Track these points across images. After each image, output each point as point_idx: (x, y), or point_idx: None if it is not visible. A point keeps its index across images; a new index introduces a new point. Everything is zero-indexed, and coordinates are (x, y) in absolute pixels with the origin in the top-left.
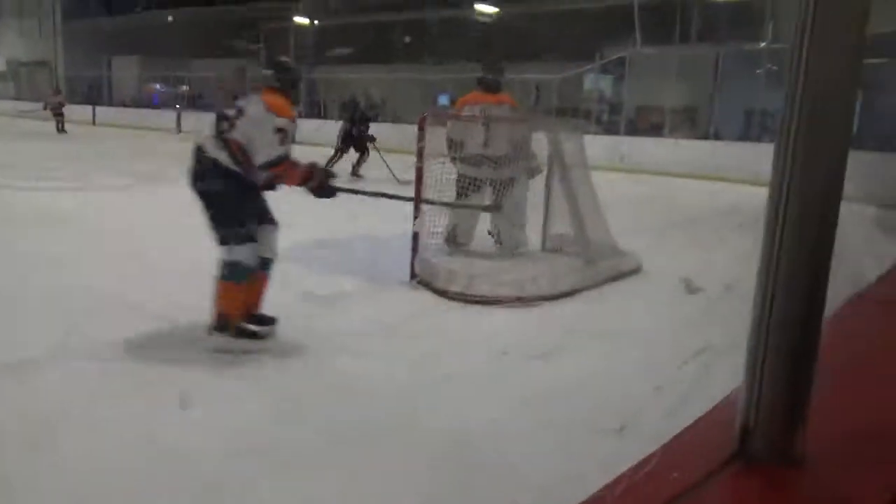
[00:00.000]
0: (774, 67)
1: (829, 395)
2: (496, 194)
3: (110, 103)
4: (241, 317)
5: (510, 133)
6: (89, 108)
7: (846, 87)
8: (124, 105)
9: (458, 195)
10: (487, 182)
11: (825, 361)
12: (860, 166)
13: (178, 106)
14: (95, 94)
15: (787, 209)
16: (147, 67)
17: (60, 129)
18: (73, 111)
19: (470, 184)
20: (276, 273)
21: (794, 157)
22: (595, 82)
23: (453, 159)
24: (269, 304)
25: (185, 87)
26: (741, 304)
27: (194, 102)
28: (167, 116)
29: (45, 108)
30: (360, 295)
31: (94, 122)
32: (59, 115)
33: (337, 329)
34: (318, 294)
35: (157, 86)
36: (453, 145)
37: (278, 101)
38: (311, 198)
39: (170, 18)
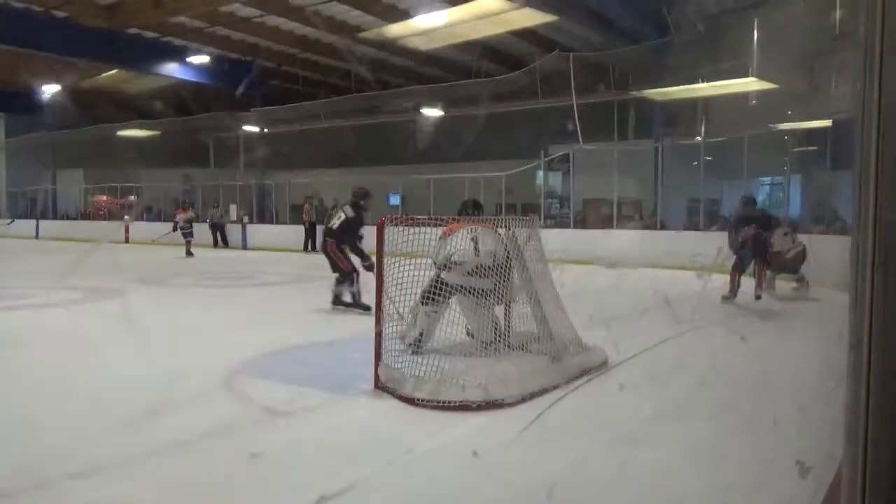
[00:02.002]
0: (709, 158)
1: None
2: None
3: (55, 217)
4: None
5: (494, 249)
6: (32, 222)
7: None
8: (68, 218)
9: (431, 299)
10: (463, 289)
11: None
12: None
13: (126, 217)
14: (39, 209)
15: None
16: (93, 180)
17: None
18: (16, 226)
19: (445, 289)
20: (234, 389)
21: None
22: (543, 178)
23: (441, 268)
24: (227, 424)
25: (132, 198)
26: (708, 392)
27: (143, 213)
28: (115, 228)
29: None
30: (322, 407)
31: (37, 237)
32: None
33: (300, 446)
34: (279, 410)
35: (105, 197)
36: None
37: None
38: (260, 306)
39: (118, 133)
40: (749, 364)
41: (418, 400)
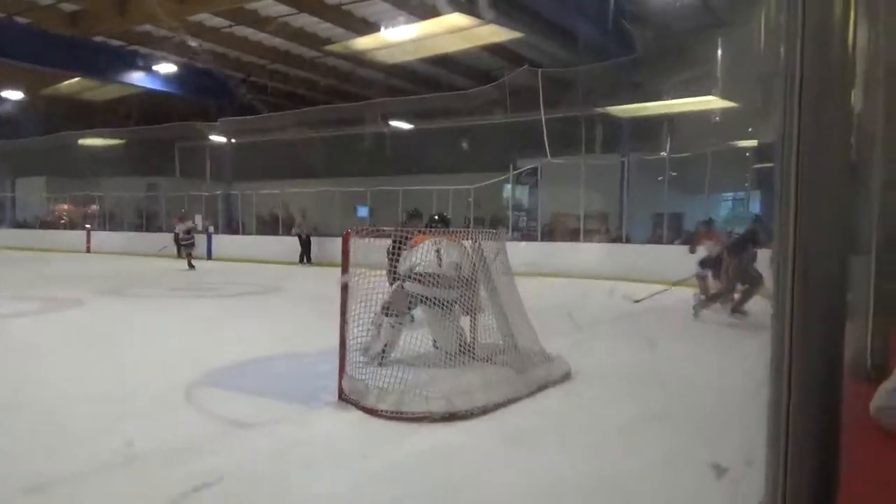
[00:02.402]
0: (674, 173)
1: None
2: (434, 310)
3: (13, 225)
4: None
5: (459, 261)
6: None
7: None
8: (27, 226)
9: (393, 311)
10: (426, 300)
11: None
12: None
13: (87, 226)
14: None
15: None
16: (54, 188)
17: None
18: None
19: (413, 300)
20: (198, 400)
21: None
22: (511, 191)
23: (404, 278)
24: (188, 436)
25: (94, 207)
26: (669, 402)
27: (105, 222)
28: (76, 237)
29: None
30: (285, 420)
31: None
32: None
33: (262, 458)
34: (241, 422)
35: (66, 206)
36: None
37: None
38: (224, 317)
39: (80, 142)
40: (711, 373)
41: (381, 411)
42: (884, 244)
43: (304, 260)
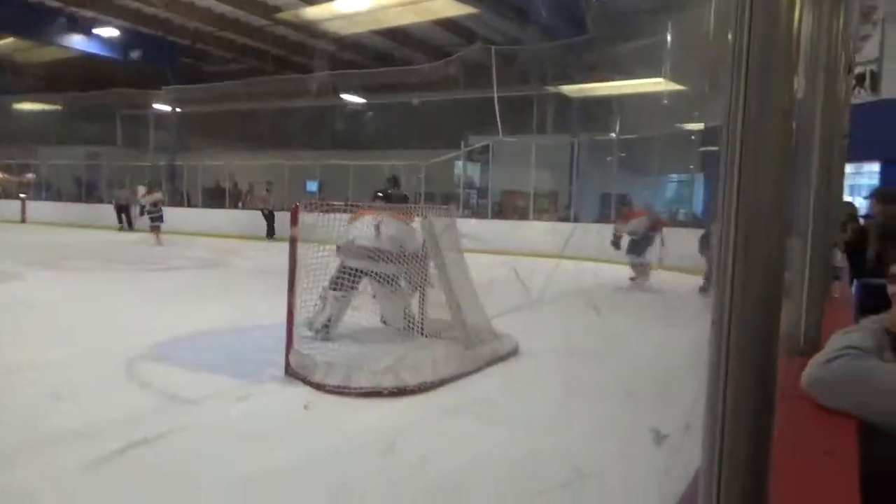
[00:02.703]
0: (623, 154)
1: None
2: (382, 285)
3: None
4: None
5: (399, 235)
6: None
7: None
8: None
9: (338, 285)
10: (370, 274)
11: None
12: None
13: (22, 195)
14: None
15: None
16: None
17: None
18: None
19: (352, 274)
20: (138, 374)
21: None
22: (462, 168)
23: (344, 251)
24: (130, 410)
25: (30, 175)
26: (611, 377)
27: (42, 191)
28: (10, 206)
29: None
30: (229, 394)
31: None
32: None
33: (207, 432)
34: (183, 396)
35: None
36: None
37: None
38: (167, 291)
39: (14, 105)
40: (659, 348)
41: (329, 386)
42: (818, 226)
43: (269, 235)
